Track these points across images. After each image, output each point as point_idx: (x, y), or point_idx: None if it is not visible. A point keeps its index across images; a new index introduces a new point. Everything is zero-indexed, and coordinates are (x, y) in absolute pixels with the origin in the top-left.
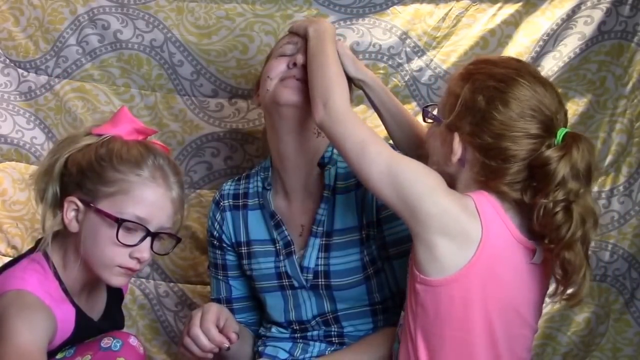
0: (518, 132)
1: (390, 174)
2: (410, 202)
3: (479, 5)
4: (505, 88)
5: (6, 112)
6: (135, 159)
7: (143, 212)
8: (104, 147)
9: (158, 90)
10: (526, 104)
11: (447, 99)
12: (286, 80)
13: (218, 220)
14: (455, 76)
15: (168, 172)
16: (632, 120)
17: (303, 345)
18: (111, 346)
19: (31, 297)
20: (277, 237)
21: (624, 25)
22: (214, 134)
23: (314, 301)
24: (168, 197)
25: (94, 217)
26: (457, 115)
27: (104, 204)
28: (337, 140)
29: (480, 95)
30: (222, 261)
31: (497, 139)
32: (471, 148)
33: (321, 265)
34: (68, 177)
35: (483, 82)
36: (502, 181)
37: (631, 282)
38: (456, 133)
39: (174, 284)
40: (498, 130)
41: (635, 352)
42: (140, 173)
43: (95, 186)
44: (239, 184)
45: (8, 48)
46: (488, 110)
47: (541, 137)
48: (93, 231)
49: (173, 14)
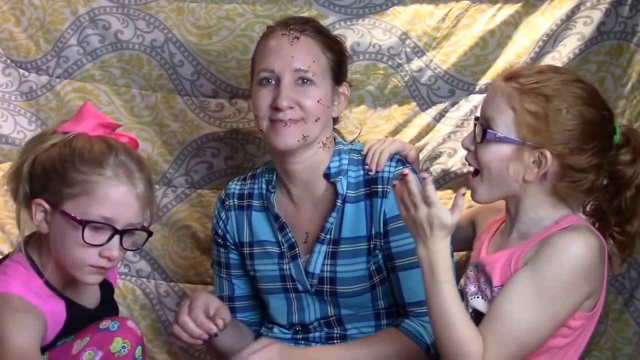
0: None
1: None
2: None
3: (478, 5)
4: (581, 95)
5: (7, 112)
6: (97, 159)
7: (108, 212)
8: (67, 147)
9: (159, 91)
10: (600, 106)
11: (520, 117)
12: (276, 125)
13: (223, 218)
14: (511, 93)
15: (132, 168)
16: (631, 120)
17: (305, 345)
18: (109, 327)
19: (16, 299)
20: (282, 239)
21: (623, 25)
22: (214, 134)
23: (317, 305)
24: (133, 194)
25: (60, 219)
26: (543, 132)
27: (69, 205)
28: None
29: (564, 109)
30: (226, 259)
31: (584, 147)
32: (557, 161)
33: (327, 271)
34: (35, 178)
35: (559, 94)
36: (582, 188)
37: (630, 282)
38: (546, 150)
39: (174, 283)
40: (584, 138)
41: (634, 352)
42: (102, 172)
43: (59, 188)
44: (245, 183)
45: (9, 48)
46: (572, 120)
47: (611, 138)
48: (61, 233)
49: (174, 14)
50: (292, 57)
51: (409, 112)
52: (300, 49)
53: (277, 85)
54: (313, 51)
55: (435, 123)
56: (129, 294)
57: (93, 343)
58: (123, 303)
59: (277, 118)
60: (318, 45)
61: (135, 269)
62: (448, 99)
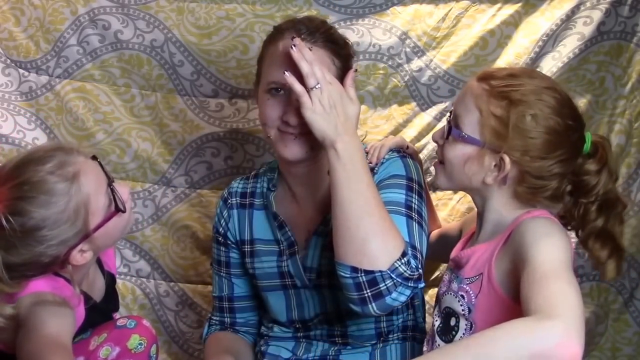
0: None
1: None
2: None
3: (478, 5)
4: (549, 103)
5: (7, 112)
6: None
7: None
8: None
9: (158, 90)
10: (568, 115)
11: (485, 120)
12: (285, 138)
13: (225, 217)
14: (481, 94)
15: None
16: (631, 120)
17: (306, 344)
18: (126, 324)
19: (49, 295)
20: (281, 237)
21: (623, 25)
22: (214, 133)
23: (316, 300)
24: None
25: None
26: (505, 137)
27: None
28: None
29: (529, 116)
30: (226, 258)
31: (545, 156)
32: (516, 167)
33: (325, 265)
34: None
35: (526, 100)
36: (544, 195)
37: (630, 282)
38: (505, 154)
39: (174, 283)
40: (547, 147)
41: (634, 352)
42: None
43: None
44: (247, 182)
45: (9, 48)
46: (536, 128)
47: (579, 147)
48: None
49: (173, 14)
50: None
51: (409, 112)
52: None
53: (287, 97)
54: (324, 63)
55: (436, 123)
56: (128, 294)
57: (111, 339)
58: (122, 303)
59: (287, 131)
60: (328, 55)
61: (134, 269)
62: (448, 99)
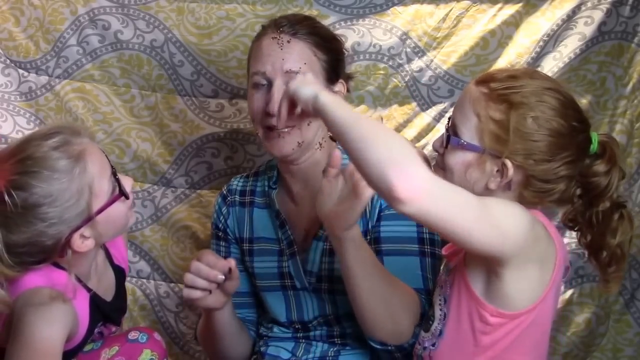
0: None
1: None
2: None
3: (479, 5)
4: (551, 105)
5: (7, 112)
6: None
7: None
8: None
9: (158, 91)
10: (572, 116)
11: (483, 125)
12: (270, 135)
13: (224, 213)
14: (478, 98)
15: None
16: (632, 120)
17: (305, 345)
18: (138, 338)
19: (45, 290)
20: (282, 236)
21: (624, 25)
22: (214, 134)
23: (315, 302)
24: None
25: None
26: (506, 141)
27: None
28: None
29: (530, 119)
30: (226, 253)
31: (550, 159)
32: (521, 171)
33: (325, 269)
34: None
35: (527, 103)
36: (551, 198)
37: (631, 283)
38: (507, 159)
39: (174, 284)
40: (551, 150)
41: (635, 353)
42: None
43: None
44: (247, 180)
45: (8, 48)
46: (538, 131)
47: (585, 148)
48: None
49: (173, 14)
50: (282, 59)
51: (409, 112)
52: (291, 52)
53: (269, 89)
54: (304, 54)
55: (436, 123)
56: (128, 295)
57: (122, 353)
58: None
59: (270, 124)
60: (309, 47)
61: (135, 270)
62: (448, 99)
